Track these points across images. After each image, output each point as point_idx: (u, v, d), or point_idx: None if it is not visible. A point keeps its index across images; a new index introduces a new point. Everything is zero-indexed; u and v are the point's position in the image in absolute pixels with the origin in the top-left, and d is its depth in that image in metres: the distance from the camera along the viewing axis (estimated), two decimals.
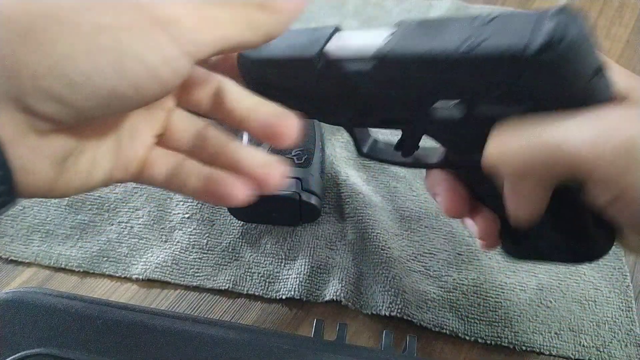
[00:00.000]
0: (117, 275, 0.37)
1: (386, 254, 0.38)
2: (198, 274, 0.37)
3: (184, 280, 0.37)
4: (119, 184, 0.43)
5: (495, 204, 0.27)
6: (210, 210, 0.41)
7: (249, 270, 0.37)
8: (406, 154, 0.29)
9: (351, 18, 0.62)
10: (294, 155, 0.40)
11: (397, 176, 0.44)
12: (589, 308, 0.36)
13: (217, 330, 0.26)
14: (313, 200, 0.38)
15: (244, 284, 0.36)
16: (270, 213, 0.39)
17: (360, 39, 0.25)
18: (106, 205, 0.41)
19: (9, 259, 0.38)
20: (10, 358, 0.23)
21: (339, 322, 0.27)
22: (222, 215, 0.41)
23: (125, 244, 0.39)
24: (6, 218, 0.40)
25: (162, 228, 0.40)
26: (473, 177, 0.27)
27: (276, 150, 0.39)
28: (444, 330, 0.34)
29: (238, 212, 0.40)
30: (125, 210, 0.41)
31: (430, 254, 0.38)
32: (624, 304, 0.35)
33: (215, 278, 0.37)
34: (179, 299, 0.36)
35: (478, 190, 0.28)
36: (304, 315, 0.35)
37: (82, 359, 0.24)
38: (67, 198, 0.41)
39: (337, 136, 0.47)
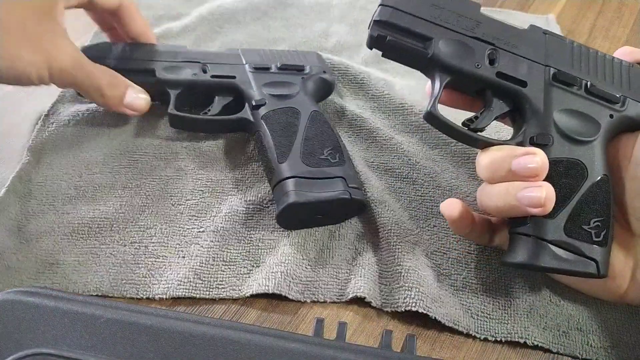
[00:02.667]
0: (138, 297, 0.36)
1: (399, 249, 0.37)
2: (223, 286, 0.36)
3: (209, 294, 0.36)
4: (124, 203, 0.41)
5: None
6: (224, 219, 0.40)
7: (272, 274, 0.36)
8: (475, 129, 0.35)
9: (337, 22, 0.62)
10: (327, 156, 0.39)
11: (400, 176, 0.44)
12: (598, 308, 0.35)
13: (217, 330, 0.25)
14: (360, 195, 0.38)
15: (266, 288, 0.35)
16: (319, 216, 0.38)
17: None
18: (115, 226, 0.39)
19: None
20: (10, 358, 0.23)
21: (338, 321, 0.27)
22: (237, 224, 0.40)
23: (142, 264, 0.37)
24: (10, 253, 0.37)
25: (177, 244, 0.39)
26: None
27: (308, 151, 0.39)
28: (457, 327, 0.34)
29: (288, 222, 0.39)
30: (136, 230, 0.39)
31: (440, 252, 0.39)
32: (633, 306, 0.35)
33: (240, 288, 0.36)
34: (179, 299, 0.36)
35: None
36: (304, 314, 0.35)
37: (82, 359, 0.24)
38: (72, 225, 0.39)
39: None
